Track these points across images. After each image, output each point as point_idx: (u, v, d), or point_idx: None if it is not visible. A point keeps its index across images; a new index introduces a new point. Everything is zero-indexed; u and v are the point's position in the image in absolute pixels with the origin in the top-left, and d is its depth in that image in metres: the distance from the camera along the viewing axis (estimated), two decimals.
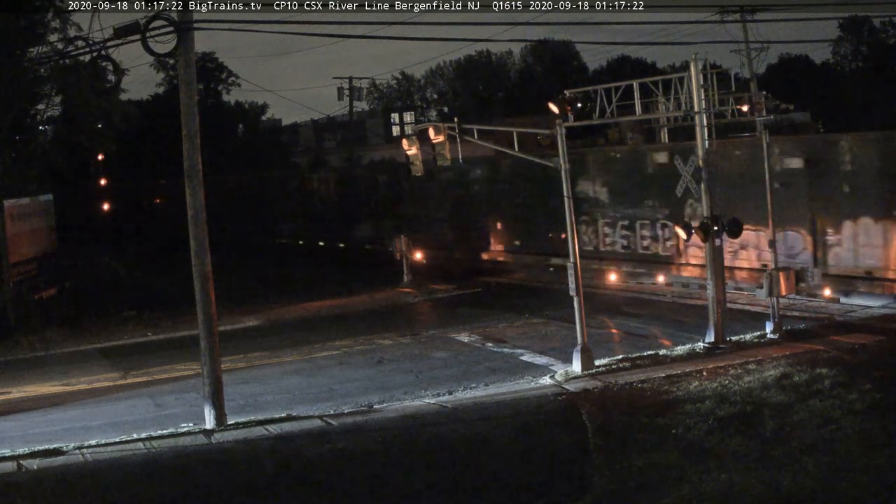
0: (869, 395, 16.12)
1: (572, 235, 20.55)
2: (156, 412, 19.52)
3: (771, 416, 15.55)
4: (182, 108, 18.06)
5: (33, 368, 24.98)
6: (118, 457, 16.19)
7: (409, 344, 25.00)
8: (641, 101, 22.90)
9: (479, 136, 22.92)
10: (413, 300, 32.77)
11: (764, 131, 22.97)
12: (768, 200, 22.66)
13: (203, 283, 18.10)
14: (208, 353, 18.09)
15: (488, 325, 26.68)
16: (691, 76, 21.70)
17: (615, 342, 23.48)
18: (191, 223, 18.11)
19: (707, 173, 21.54)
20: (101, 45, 19.26)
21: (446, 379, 20.72)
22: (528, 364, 21.74)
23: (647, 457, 14.16)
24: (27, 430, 18.49)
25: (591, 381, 19.44)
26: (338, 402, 19.23)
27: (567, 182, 20.79)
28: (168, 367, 23.67)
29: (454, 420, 17.22)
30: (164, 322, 30.36)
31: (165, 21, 17.30)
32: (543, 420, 16.91)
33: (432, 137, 21.60)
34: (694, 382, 18.25)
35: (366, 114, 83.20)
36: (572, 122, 21.95)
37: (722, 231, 21.33)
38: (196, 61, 18.47)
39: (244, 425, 17.71)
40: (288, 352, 24.93)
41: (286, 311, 31.70)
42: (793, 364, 18.85)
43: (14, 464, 16.05)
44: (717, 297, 21.53)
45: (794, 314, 24.17)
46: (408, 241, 35.44)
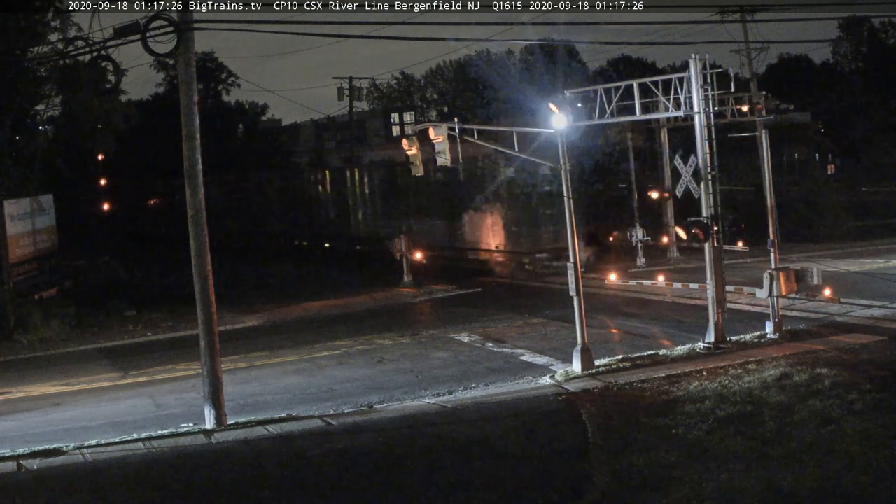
0: (869, 395, 16.13)
1: (572, 235, 20.56)
2: (156, 412, 19.51)
3: (771, 416, 15.55)
4: (182, 108, 18.05)
5: (33, 368, 24.99)
6: (118, 457, 16.18)
7: (409, 344, 25.00)
8: (641, 101, 22.89)
9: (478, 136, 22.93)
10: (413, 300, 32.78)
11: (763, 131, 22.98)
12: (768, 201, 22.65)
13: (203, 283, 18.08)
14: (208, 353, 18.08)
15: (488, 325, 26.69)
16: (691, 76, 21.70)
17: (615, 342, 23.48)
18: (191, 223, 18.10)
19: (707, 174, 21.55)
20: (101, 45, 19.23)
21: (446, 379, 20.72)
22: (528, 364, 21.74)
23: (647, 457, 14.16)
24: (27, 430, 18.49)
25: (591, 381, 19.44)
26: (338, 402, 19.22)
27: (567, 182, 20.81)
28: (168, 367, 23.67)
29: (454, 420, 17.21)
30: (164, 322, 30.37)
31: (165, 21, 17.29)
32: (543, 420, 16.90)
33: (432, 137, 21.61)
34: (694, 382, 18.25)
35: (366, 114, 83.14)
36: (572, 122, 21.99)
37: (721, 231, 21.35)
38: (196, 61, 18.46)
39: (244, 425, 17.70)
40: (288, 352, 24.93)
41: (286, 311, 31.71)
42: (793, 364, 18.86)
43: (14, 464, 16.04)
44: (717, 297, 21.52)
45: (794, 314, 24.19)
46: (408, 241, 35.45)
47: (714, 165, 21.66)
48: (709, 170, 21.56)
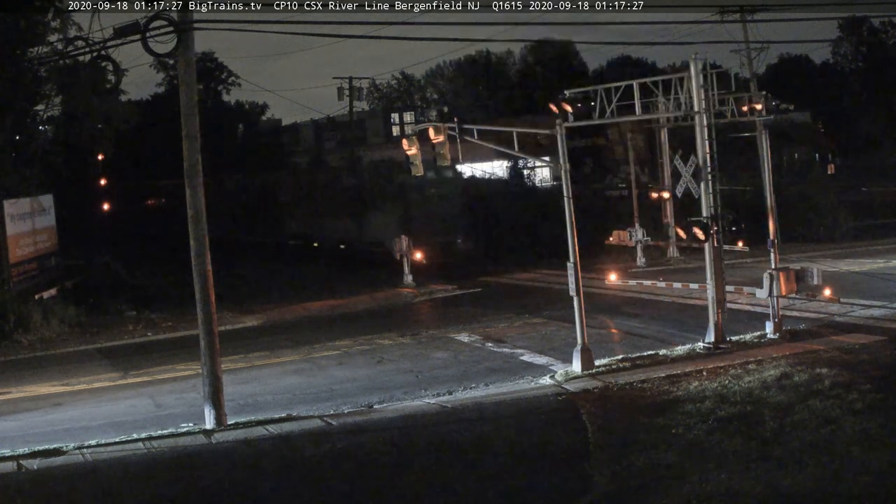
0: (869, 395, 16.13)
1: (572, 235, 20.55)
2: (156, 412, 19.51)
3: (771, 416, 15.55)
4: (182, 109, 18.04)
5: (33, 368, 24.98)
6: (118, 457, 16.18)
7: (409, 344, 25.00)
8: (641, 101, 22.91)
9: (479, 136, 22.93)
10: (413, 300, 32.78)
11: (764, 131, 22.98)
12: (768, 201, 22.64)
13: (203, 283, 18.08)
14: (208, 353, 18.08)
15: (488, 325, 26.69)
16: (691, 76, 21.72)
17: (615, 342, 23.49)
18: (191, 223, 18.10)
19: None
20: (101, 45, 19.25)
21: (446, 379, 20.72)
22: (528, 364, 21.74)
23: (647, 457, 14.16)
24: (27, 430, 18.49)
25: (591, 381, 19.44)
26: (338, 402, 19.23)
27: (567, 182, 20.81)
28: (168, 367, 23.67)
29: (454, 420, 17.22)
30: (164, 322, 30.37)
31: (165, 21, 17.28)
32: (543, 420, 16.91)
33: (432, 137, 21.59)
34: (694, 382, 18.25)
35: (366, 114, 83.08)
36: (572, 123, 22.00)
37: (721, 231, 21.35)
38: (196, 61, 18.46)
39: (244, 425, 17.71)
40: (288, 352, 24.93)
41: (286, 311, 31.71)
42: (793, 364, 18.87)
43: (14, 464, 16.04)
44: (717, 297, 21.52)
45: (794, 314, 24.19)
46: (408, 241, 35.43)
47: (714, 165, 21.67)
48: (709, 170, 21.57)
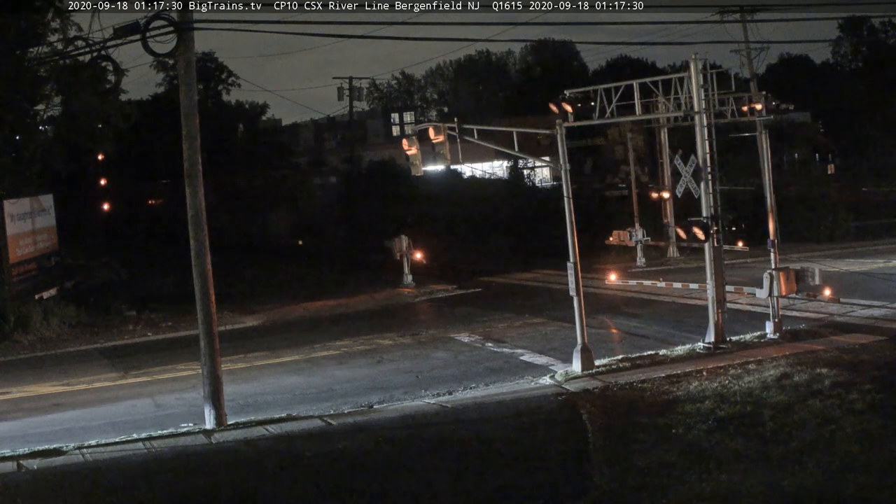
0: (869, 395, 16.13)
1: (572, 235, 20.56)
2: (156, 412, 19.51)
3: (771, 416, 15.55)
4: (182, 109, 18.04)
5: (33, 368, 24.97)
6: (118, 457, 16.18)
7: (409, 344, 25.00)
8: (641, 101, 22.91)
9: (479, 136, 22.93)
10: (413, 300, 32.78)
11: (763, 131, 22.97)
12: (768, 201, 22.64)
13: (203, 283, 18.08)
14: (208, 353, 18.08)
15: (488, 325, 26.69)
16: (691, 76, 21.71)
17: (615, 342, 23.48)
18: (191, 223, 18.09)
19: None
20: (101, 45, 19.26)
21: (446, 379, 20.72)
22: (528, 364, 21.74)
23: (647, 457, 14.15)
24: (27, 430, 18.48)
25: (591, 381, 19.44)
26: (338, 402, 19.23)
27: (567, 182, 20.82)
28: (168, 367, 23.66)
29: (454, 420, 17.22)
30: (164, 322, 30.37)
31: (165, 21, 17.28)
32: (543, 420, 16.91)
33: (432, 137, 21.60)
34: (694, 382, 18.25)
35: (366, 114, 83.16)
36: (572, 123, 21.99)
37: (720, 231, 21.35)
38: (196, 61, 18.46)
39: (244, 425, 17.70)
40: (288, 352, 24.92)
41: (286, 311, 31.71)
42: (793, 364, 18.86)
43: (14, 464, 16.03)
44: (717, 297, 21.52)
45: (794, 314, 24.18)
46: (408, 241, 35.43)
47: (714, 165, 21.67)
48: (709, 170, 21.57)
